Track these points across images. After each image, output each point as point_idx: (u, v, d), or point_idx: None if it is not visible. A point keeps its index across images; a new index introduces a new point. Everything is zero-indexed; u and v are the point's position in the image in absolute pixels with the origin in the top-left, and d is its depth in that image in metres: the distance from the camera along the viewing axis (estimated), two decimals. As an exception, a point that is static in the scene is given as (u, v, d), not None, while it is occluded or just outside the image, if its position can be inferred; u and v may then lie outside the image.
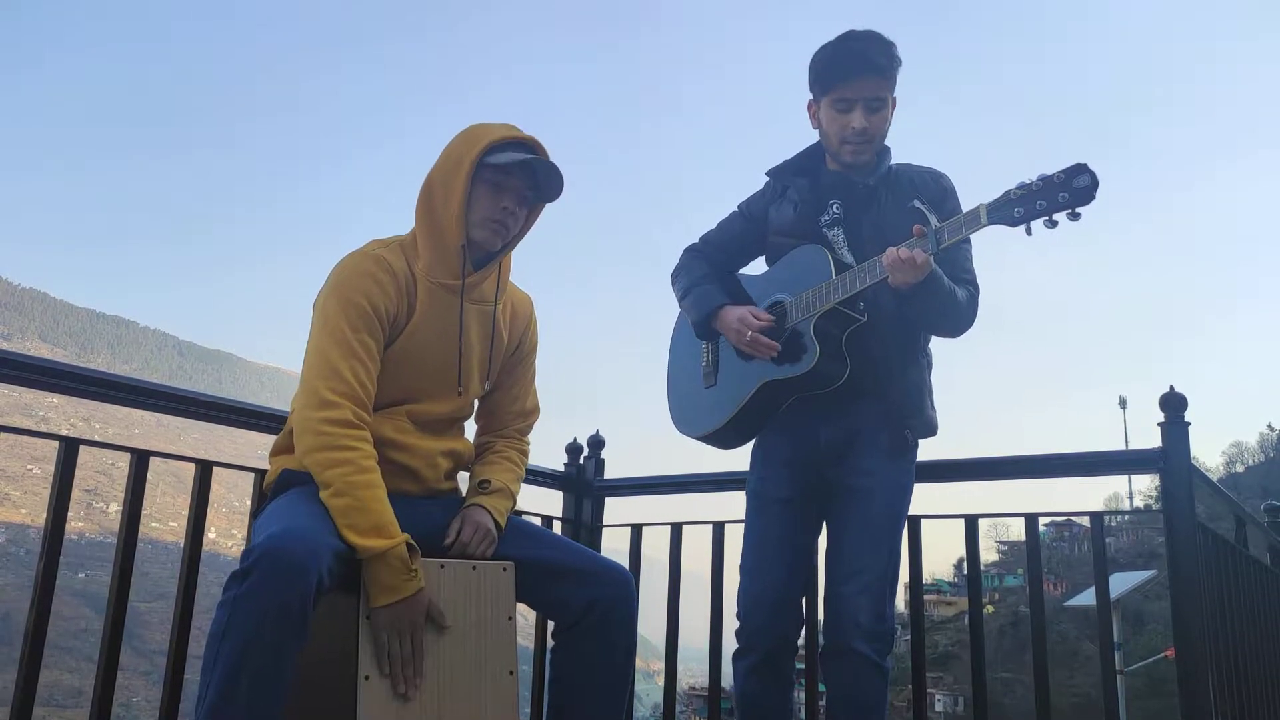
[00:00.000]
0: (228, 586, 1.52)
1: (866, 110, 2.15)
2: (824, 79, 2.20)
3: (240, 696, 1.47)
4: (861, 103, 2.15)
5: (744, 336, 2.19)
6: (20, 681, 1.83)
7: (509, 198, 1.88)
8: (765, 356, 2.18)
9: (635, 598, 1.94)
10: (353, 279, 1.83)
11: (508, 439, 2.11)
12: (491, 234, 1.90)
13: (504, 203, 1.88)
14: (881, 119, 2.18)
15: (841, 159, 2.23)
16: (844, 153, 2.21)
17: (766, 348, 2.16)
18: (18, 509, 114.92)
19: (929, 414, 2.23)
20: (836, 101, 2.18)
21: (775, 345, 2.16)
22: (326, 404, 1.72)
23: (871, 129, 2.16)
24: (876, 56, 2.13)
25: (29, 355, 1.97)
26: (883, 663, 2.10)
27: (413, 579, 1.66)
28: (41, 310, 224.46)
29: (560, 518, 3.11)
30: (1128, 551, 37.09)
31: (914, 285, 1.99)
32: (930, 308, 2.08)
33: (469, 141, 1.87)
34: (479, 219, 1.88)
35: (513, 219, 1.91)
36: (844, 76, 2.15)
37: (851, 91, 2.15)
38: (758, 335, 2.17)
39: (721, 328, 2.28)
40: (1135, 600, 19.52)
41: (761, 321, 2.19)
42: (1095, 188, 1.80)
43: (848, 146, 2.19)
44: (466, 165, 1.84)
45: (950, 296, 2.08)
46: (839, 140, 2.20)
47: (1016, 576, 43.60)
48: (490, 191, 1.87)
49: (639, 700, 3.43)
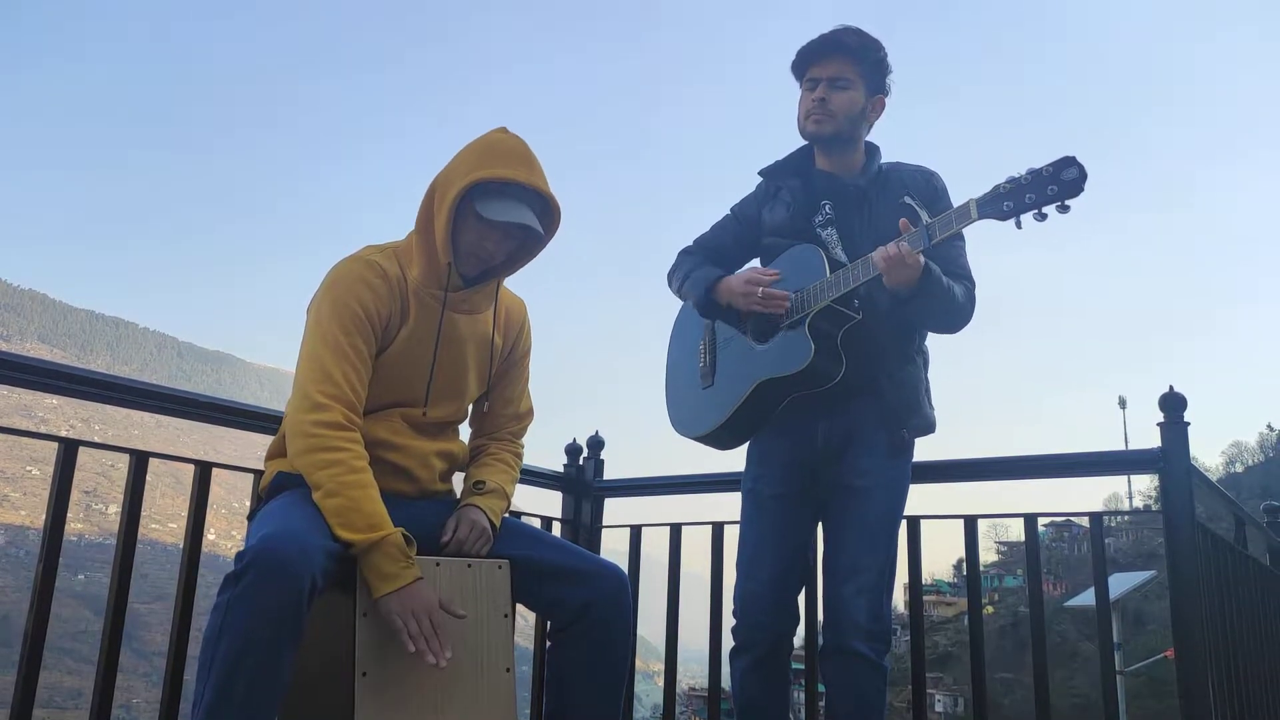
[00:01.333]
0: (222, 589, 1.53)
1: (830, 87, 2.20)
2: (799, 65, 2.27)
3: (236, 698, 1.48)
4: (825, 81, 2.21)
5: (754, 295, 2.17)
6: (20, 683, 1.83)
7: (493, 242, 1.87)
8: (780, 310, 2.16)
9: (631, 597, 1.94)
10: (346, 283, 1.83)
11: (502, 441, 2.11)
12: (475, 266, 1.91)
13: (487, 244, 1.87)
14: (846, 98, 2.20)
15: (806, 131, 2.25)
16: (808, 125, 2.24)
17: (780, 300, 2.15)
18: (17, 510, 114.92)
19: (926, 412, 2.23)
20: (806, 82, 2.25)
21: (787, 295, 2.15)
22: (317, 406, 1.73)
23: (833, 103, 2.19)
24: (844, 38, 2.21)
25: (28, 356, 1.97)
26: (881, 662, 2.10)
27: (410, 566, 1.67)
28: (41, 311, 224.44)
29: (560, 519, 3.11)
30: (1127, 552, 37.07)
31: (911, 285, 1.99)
32: (928, 306, 2.08)
33: (467, 165, 1.84)
34: (464, 251, 1.88)
35: (500, 254, 1.91)
36: (813, 58, 2.23)
37: (818, 71, 2.22)
38: (770, 290, 2.15)
39: (727, 296, 2.24)
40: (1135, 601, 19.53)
41: (770, 276, 2.18)
42: (1083, 180, 1.82)
43: (811, 119, 2.22)
44: (452, 198, 1.82)
45: (948, 293, 2.08)
46: (804, 115, 2.24)
47: (1016, 577, 43.58)
48: (476, 226, 1.85)
49: (639, 701, 3.43)
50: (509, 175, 1.82)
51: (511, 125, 1.93)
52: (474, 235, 1.86)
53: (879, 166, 2.27)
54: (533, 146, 1.90)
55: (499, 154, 1.85)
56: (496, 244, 1.88)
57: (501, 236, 1.87)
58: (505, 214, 1.81)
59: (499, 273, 1.96)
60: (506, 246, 1.91)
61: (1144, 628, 27.97)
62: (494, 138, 1.89)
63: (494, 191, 1.83)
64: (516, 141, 1.89)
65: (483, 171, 1.81)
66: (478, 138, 1.91)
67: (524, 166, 1.85)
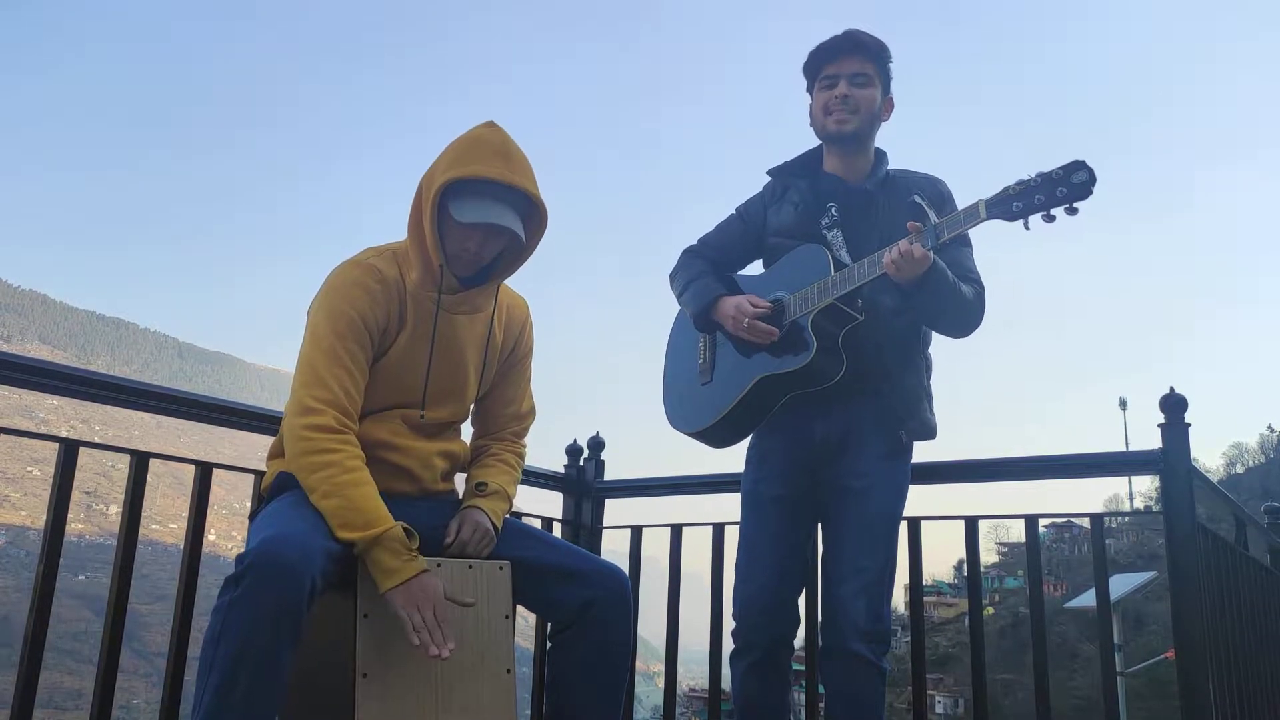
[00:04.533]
0: (223, 591, 1.53)
1: (851, 84, 2.20)
2: (813, 65, 2.26)
3: (236, 700, 1.48)
4: (846, 77, 2.20)
5: (741, 323, 2.18)
6: (20, 683, 1.83)
7: (474, 243, 1.83)
8: (764, 342, 2.18)
9: (630, 597, 1.94)
10: (343, 289, 1.83)
11: (504, 441, 2.11)
12: (466, 267, 1.87)
13: (470, 245, 1.83)
14: (868, 95, 2.20)
15: (828, 131, 2.24)
16: (829, 124, 2.22)
17: (764, 333, 2.16)
18: (17, 511, 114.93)
19: (926, 417, 2.23)
20: (823, 79, 2.24)
21: (773, 330, 2.16)
22: (309, 410, 1.73)
23: (855, 98, 2.19)
24: (862, 37, 2.21)
25: (29, 357, 1.97)
26: (880, 663, 2.10)
27: (413, 559, 1.67)
28: (41, 312, 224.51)
29: (560, 519, 3.11)
30: (1128, 553, 37.06)
31: (917, 279, 1.99)
32: (935, 303, 2.08)
33: (445, 164, 1.80)
34: (451, 252, 1.85)
35: (486, 254, 1.86)
36: (830, 57, 2.23)
37: (836, 68, 2.21)
38: (755, 321, 2.17)
39: (720, 317, 2.27)
40: (1135, 601, 19.51)
41: (758, 308, 2.19)
42: (1092, 183, 1.83)
43: (832, 117, 2.21)
44: (431, 199, 1.79)
45: (955, 291, 2.08)
46: (824, 111, 2.23)
47: (1016, 578, 43.54)
48: (456, 228, 1.82)
49: (639, 702, 3.43)
50: (482, 173, 1.77)
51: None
52: (456, 237, 1.83)
53: (886, 172, 2.27)
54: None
55: (476, 151, 1.80)
56: (479, 245, 1.84)
57: (483, 237, 1.83)
58: (477, 215, 1.77)
59: (498, 273, 1.94)
60: (492, 246, 1.86)
61: (1145, 629, 27.95)
62: (475, 134, 1.84)
63: (470, 191, 1.79)
64: (497, 136, 1.83)
65: (457, 171, 1.77)
66: (461, 134, 1.85)
67: (500, 162, 1.79)
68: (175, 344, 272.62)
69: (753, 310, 2.18)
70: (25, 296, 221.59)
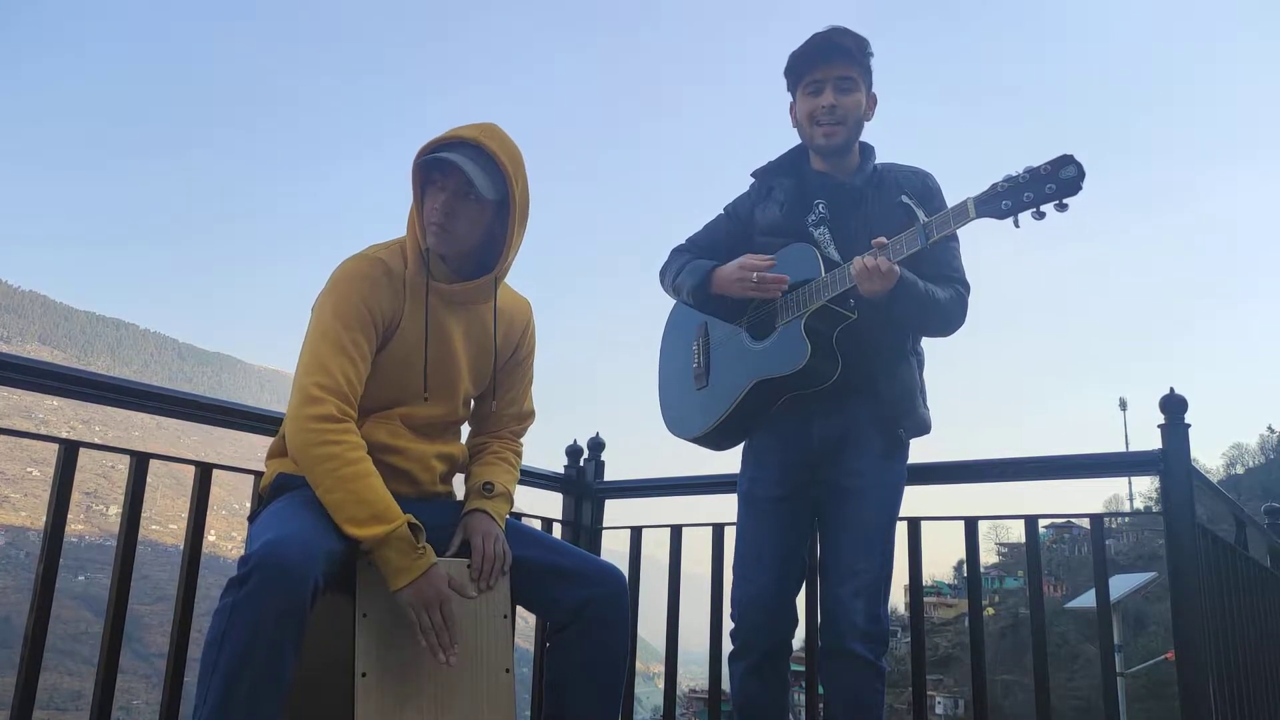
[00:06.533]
0: (225, 593, 1.52)
1: (837, 90, 2.17)
2: (796, 70, 2.24)
3: (239, 703, 1.47)
4: (831, 83, 2.18)
5: (750, 279, 2.15)
6: (20, 684, 1.83)
7: (437, 196, 1.83)
8: (776, 294, 2.15)
9: (628, 597, 1.94)
10: (349, 280, 1.84)
11: (503, 440, 2.11)
12: (435, 238, 1.84)
13: (434, 203, 1.83)
14: (853, 101, 2.19)
15: (816, 143, 2.23)
16: (816, 135, 2.21)
17: (776, 283, 2.13)
18: (17, 511, 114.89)
19: (921, 413, 2.23)
20: (807, 85, 2.21)
21: (783, 278, 2.13)
22: (311, 400, 1.73)
23: (842, 108, 2.17)
24: (842, 40, 2.18)
25: (29, 358, 1.97)
26: (879, 663, 2.10)
27: (422, 556, 1.67)
28: (41, 313, 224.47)
29: (560, 520, 3.11)
30: (1128, 553, 37.04)
31: (886, 294, 2.00)
32: (906, 313, 2.09)
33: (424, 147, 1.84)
34: (425, 224, 1.85)
35: (451, 220, 1.83)
36: (813, 63, 2.20)
37: (820, 74, 2.19)
38: (764, 274, 2.14)
39: (722, 286, 2.23)
40: (1135, 602, 19.49)
41: (765, 262, 2.16)
42: (1081, 179, 1.81)
43: (819, 128, 2.20)
44: (413, 170, 1.83)
45: (926, 299, 2.08)
46: (810, 122, 2.21)
47: (1016, 578, 43.52)
48: (430, 194, 1.84)
49: (639, 703, 3.42)
50: (448, 136, 1.81)
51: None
52: (428, 203, 1.84)
53: (874, 166, 2.26)
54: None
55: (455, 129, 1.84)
56: (436, 201, 1.83)
57: (438, 191, 1.83)
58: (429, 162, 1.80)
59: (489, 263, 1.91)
60: (449, 205, 1.82)
61: (1145, 629, 27.95)
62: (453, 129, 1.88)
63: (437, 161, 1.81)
64: (489, 124, 1.87)
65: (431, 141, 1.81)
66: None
67: (471, 130, 1.83)
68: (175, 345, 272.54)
69: (760, 264, 2.15)
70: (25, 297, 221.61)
